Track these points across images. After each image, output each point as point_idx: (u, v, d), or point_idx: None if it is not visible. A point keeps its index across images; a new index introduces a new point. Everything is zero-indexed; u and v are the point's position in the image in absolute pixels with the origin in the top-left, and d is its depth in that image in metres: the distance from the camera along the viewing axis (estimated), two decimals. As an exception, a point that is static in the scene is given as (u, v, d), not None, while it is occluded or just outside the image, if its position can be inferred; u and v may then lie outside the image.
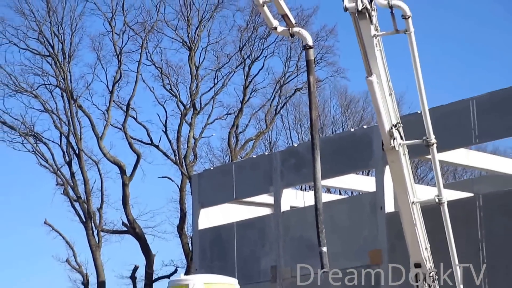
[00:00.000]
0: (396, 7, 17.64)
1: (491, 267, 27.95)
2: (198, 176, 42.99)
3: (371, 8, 17.26)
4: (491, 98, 28.87)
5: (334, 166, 32.95)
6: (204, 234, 38.17)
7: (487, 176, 36.19)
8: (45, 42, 60.57)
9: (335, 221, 32.31)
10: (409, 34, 18.00)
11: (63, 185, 60.98)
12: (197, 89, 60.41)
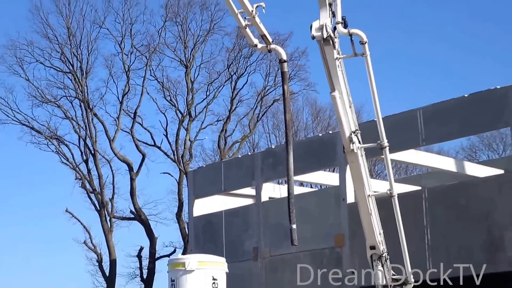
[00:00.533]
0: (355, 35, 18.01)
1: (435, 249, 28.18)
2: (193, 172, 43.14)
3: (334, 36, 17.66)
4: (434, 108, 29.16)
5: (305, 164, 33.13)
6: (197, 220, 38.34)
7: (433, 172, 36.41)
8: (66, 61, 60.64)
9: (306, 210, 32.53)
10: (365, 57, 18.35)
11: (81, 180, 60.97)
12: (192, 100, 60.49)
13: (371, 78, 18.97)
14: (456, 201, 28.46)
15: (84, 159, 61.32)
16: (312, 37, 17.67)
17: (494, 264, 26.50)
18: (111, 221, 60.75)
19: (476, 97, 28.01)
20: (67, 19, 60.63)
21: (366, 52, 18.28)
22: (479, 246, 27.09)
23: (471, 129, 31.54)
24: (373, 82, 19.05)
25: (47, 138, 61.56)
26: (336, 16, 17.93)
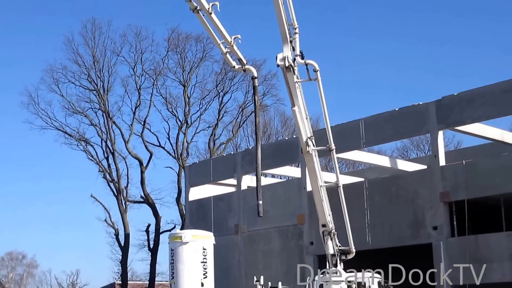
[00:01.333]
0: (310, 64, 18.08)
1: (372, 226, 28.50)
2: (189, 166, 43.15)
3: (294, 65, 17.76)
4: (372, 118, 29.32)
5: (275, 160, 33.40)
6: (192, 204, 38.31)
7: (373, 167, 36.50)
8: (92, 81, 59.88)
9: (275, 196, 32.77)
10: (317, 81, 18.44)
11: (102, 172, 60.40)
12: (188, 111, 59.83)
13: (322, 97, 18.98)
14: (389, 189, 28.80)
15: (105, 156, 60.33)
16: (277, 65, 17.81)
17: (417, 238, 26.97)
18: (126, 204, 59.87)
19: (404, 110, 28.30)
20: (92, 49, 60.34)
21: (318, 78, 18.38)
22: (406, 224, 27.47)
23: (400, 135, 31.87)
24: (323, 100, 19.06)
25: (77, 140, 60.59)
26: (296, 50, 18.05)
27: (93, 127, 60.80)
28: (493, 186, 24.72)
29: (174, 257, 24.77)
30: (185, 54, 60.37)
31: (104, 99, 60.00)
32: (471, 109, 25.90)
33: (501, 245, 24.33)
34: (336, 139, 24.77)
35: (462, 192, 25.46)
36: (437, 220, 26.23)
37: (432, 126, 27.04)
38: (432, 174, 27.12)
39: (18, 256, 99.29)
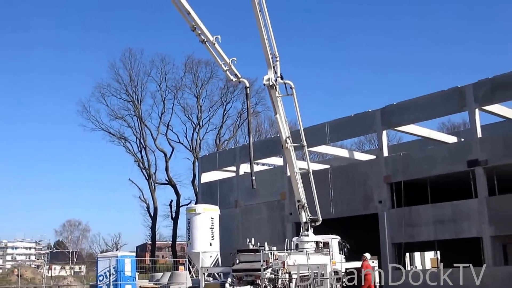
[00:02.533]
0: (287, 84, 18.55)
1: (335, 201, 28.56)
2: (201, 158, 43.41)
3: (276, 84, 18.21)
4: (335, 122, 29.36)
5: (264, 153, 33.45)
6: (203, 185, 38.28)
7: (336, 158, 36.32)
8: (129, 95, 60.37)
9: (264, 179, 32.84)
10: (293, 96, 18.88)
11: (137, 162, 60.43)
12: (200, 116, 60.21)
13: (296, 106, 19.45)
14: (347, 174, 28.96)
15: (139, 150, 60.65)
16: (263, 84, 18.35)
17: (368, 209, 27.19)
18: (154, 185, 60.18)
19: (358, 115, 28.35)
20: (129, 71, 60.79)
21: (294, 93, 18.85)
22: (359, 199, 27.69)
23: (355, 134, 32.30)
24: (297, 108, 19.53)
25: (118, 139, 61.07)
26: (277, 72, 18.51)
27: (130, 128, 61.19)
28: (421, 171, 25.09)
29: (190, 224, 25.28)
30: (198, 74, 60.90)
31: (138, 108, 60.28)
32: (406, 114, 26.17)
33: (427, 213, 24.74)
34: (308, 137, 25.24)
35: (400, 176, 25.80)
36: (382, 196, 26.50)
37: (378, 127, 27.30)
38: (378, 162, 27.33)
39: (75, 222, 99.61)
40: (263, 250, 15.84)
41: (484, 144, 23.32)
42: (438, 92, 25.05)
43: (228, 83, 57.30)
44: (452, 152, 24.69)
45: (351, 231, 26.10)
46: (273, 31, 17.76)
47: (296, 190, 20.82)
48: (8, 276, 40.02)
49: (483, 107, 23.87)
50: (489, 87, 23.31)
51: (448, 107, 24.79)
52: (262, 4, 16.94)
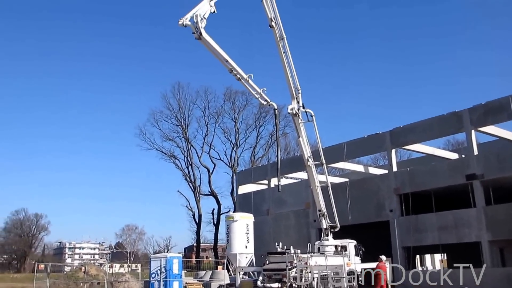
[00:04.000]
0: (308, 112, 18.90)
1: (352, 209, 28.41)
2: (238, 173, 43.77)
3: (299, 112, 18.58)
4: (351, 142, 29.58)
5: (290, 168, 33.58)
6: (240, 196, 38.54)
7: (352, 172, 36.27)
8: (177, 120, 61.48)
9: (291, 191, 33.18)
10: (313, 123, 19.14)
11: (185, 176, 61.15)
12: (238, 137, 60.81)
13: (316, 131, 19.70)
14: (362, 186, 28.95)
15: (186, 166, 61.28)
16: (288, 113, 18.77)
17: (380, 217, 27.17)
18: (199, 196, 60.77)
19: (370, 137, 28.54)
20: (178, 100, 61.80)
21: (314, 120, 19.13)
22: (373, 208, 27.64)
23: (368, 152, 32.01)
24: (317, 132, 19.79)
25: (169, 157, 61.96)
26: (299, 102, 18.88)
27: (178, 148, 62.01)
28: (426, 183, 25.07)
29: (229, 230, 25.54)
30: (235, 102, 61.51)
31: (186, 131, 61.17)
32: (412, 135, 26.26)
33: (432, 220, 24.63)
34: (329, 154, 25.51)
35: (407, 188, 25.79)
36: (392, 205, 26.47)
37: (388, 146, 27.40)
38: (388, 176, 27.35)
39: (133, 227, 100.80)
40: (288, 253, 16.12)
41: (480, 160, 23.22)
42: (438, 116, 25.12)
43: (261, 109, 57.78)
44: (452, 167, 24.59)
45: (366, 236, 26.00)
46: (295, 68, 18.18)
47: (317, 201, 21.02)
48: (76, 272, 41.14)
49: (478, 128, 23.79)
50: (482, 111, 23.27)
51: (447, 129, 24.82)
52: (285, 47, 17.45)
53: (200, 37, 14.57)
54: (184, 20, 14.22)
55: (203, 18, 14.58)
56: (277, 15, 16.90)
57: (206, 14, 14.70)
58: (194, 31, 14.54)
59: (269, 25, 16.91)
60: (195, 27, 14.44)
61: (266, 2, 16.66)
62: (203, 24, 14.60)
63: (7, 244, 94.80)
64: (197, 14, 14.35)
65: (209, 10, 14.78)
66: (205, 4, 14.61)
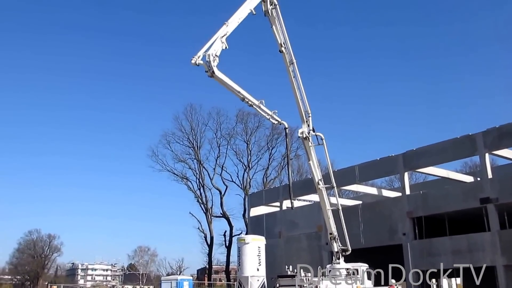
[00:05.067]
0: (318, 135, 19.11)
1: (364, 232, 28.41)
2: (250, 194, 43.97)
3: (309, 136, 18.84)
4: (363, 165, 29.60)
5: (303, 191, 33.43)
6: (252, 218, 38.67)
7: (366, 194, 36.34)
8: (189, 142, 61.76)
9: (303, 213, 33.27)
10: (324, 146, 19.31)
11: (197, 198, 61.09)
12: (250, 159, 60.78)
13: (326, 154, 19.78)
14: (374, 209, 29.03)
15: (198, 188, 61.19)
16: (298, 137, 19.03)
17: (393, 240, 27.10)
18: (211, 218, 60.53)
19: (383, 159, 28.62)
20: (190, 122, 61.93)
21: (324, 143, 19.32)
22: (385, 231, 27.61)
23: (380, 175, 32.09)
24: (327, 156, 19.84)
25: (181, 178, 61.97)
26: (310, 126, 19.13)
27: (190, 170, 61.99)
28: (439, 207, 25.00)
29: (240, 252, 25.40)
30: (247, 124, 61.45)
31: (198, 153, 61.30)
32: (425, 158, 26.30)
33: (446, 244, 24.51)
34: (341, 177, 25.61)
35: (420, 211, 25.77)
36: (405, 229, 26.39)
37: (400, 169, 27.43)
38: (401, 199, 27.34)
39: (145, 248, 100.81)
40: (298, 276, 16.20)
41: (494, 184, 23.17)
42: (452, 139, 25.16)
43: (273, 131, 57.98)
44: (466, 191, 24.54)
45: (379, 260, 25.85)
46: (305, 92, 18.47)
47: (328, 224, 21.04)
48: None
49: (492, 151, 23.80)
50: (496, 135, 23.32)
51: (461, 152, 24.85)
52: (296, 71, 17.82)
53: (213, 75, 14.61)
54: (197, 59, 14.25)
55: (216, 57, 14.59)
56: (287, 40, 17.29)
57: (218, 51, 14.73)
58: (207, 70, 14.59)
59: (279, 50, 17.28)
60: (208, 66, 14.49)
61: (276, 28, 17.04)
62: (216, 63, 14.61)
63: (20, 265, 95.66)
64: (209, 53, 14.40)
65: (221, 47, 14.79)
66: (217, 42, 14.67)
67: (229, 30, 15.14)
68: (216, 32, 14.90)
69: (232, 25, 15.27)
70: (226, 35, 14.94)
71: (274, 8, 16.88)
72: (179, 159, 61.70)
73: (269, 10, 16.87)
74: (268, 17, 17.09)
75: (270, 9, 16.83)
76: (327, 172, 22.09)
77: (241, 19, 15.61)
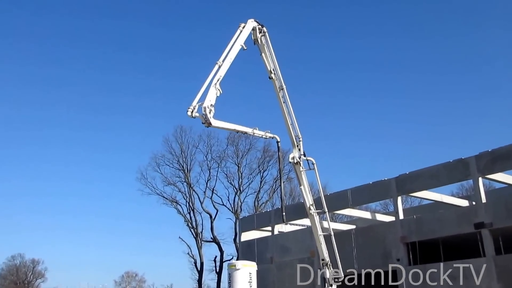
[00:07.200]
0: (309, 160, 19.36)
1: (358, 257, 28.34)
2: (241, 219, 43.70)
3: (300, 160, 19.04)
4: (356, 189, 29.75)
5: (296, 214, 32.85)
6: (243, 243, 38.37)
7: (359, 219, 36.47)
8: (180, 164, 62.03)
9: (295, 238, 33.18)
10: (315, 170, 19.49)
11: (186, 222, 61.17)
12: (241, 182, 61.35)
13: (318, 179, 19.94)
14: (368, 234, 28.99)
15: (188, 212, 61.57)
16: (289, 162, 19.24)
17: (387, 266, 26.90)
18: (201, 243, 60.81)
19: (376, 183, 28.77)
20: (180, 144, 62.42)
21: (315, 168, 19.45)
22: (379, 256, 27.51)
23: (373, 199, 32.04)
24: (319, 181, 19.99)
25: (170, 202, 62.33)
26: (301, 150, 19.34)
27: (180, 193, 62.18)
28: (433, 232, 25.12)
29: (231, 278, 25.37)
30: (238, 146, 62.14)
31: (188, 175, 61.53)
32: (417, 182, 26.54)
33: (440, 270, 24.40)
34: (333, 201, 25.70)
35: (414, 236, 25.87)
36: (399, 254, 26.45)
37: (394, 193, 27.63)
38: (395, 224, 27.46)
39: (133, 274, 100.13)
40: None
41: (489, 208, 23.45)
42: (444, 163, 25.48)
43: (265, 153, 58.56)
44: (460, 215, 24.77)
45: (373, 286, 26.02)
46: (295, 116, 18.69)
47: (320, 250, 21.14)
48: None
49: (486, 175, 24.18)
50: (489, 158, 23.73)
51: (454, 176, 25.17)
52: (285, 96, 18.12)
53: (210, 125, 14.63)
54: (194, 112, 14.23)
55: (212, 107, 14.48)
56: (277, 66, 17.57)
57: (213, 100, 14.63)
58: (203, 122, 14.53)
59: (269, 76, 17.62)
60: (204, 118, 14.43)
61: (266, 55, 17.39)
62: (212, 114, 14.51)
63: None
64: (205, 106, 14.34)
65: (215, 95, 14.71)
66: (211, 91, 14.61)
67: (221, 74, 15.19)
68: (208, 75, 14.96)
69: (224, 68, 15.40)
70: (220, 80, 14.96)
71: (263, 35, 17.24)
72: (169, 182, 62.08)
73: (258, 39, 17.16)
74: (257, 46, 17.41)
75: (259, 37, 17.13)
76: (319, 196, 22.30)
77: (233, 59, 15.78)
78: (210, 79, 14.91)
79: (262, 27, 17.25)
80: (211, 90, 14.66)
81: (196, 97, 14.49)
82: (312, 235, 31.00)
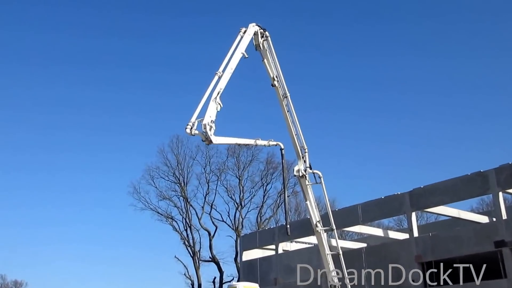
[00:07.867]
0: (316, 173, 19.08)
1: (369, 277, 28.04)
2: (242, 236, 43.49)
3: (306, 173, 18.79)
4: (367, 204, 29.68)
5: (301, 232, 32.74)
6: (244, 263, 38.08)
7: (370, 236, 36.26)
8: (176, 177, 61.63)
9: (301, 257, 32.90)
10: (321, 184, 19.16)
11: (183, 239, 60.53)
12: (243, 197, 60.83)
13: (325, 194, 19.49)
14: (380, 253, 28.80)
15: (185, 229, 60.87)
16: (293, 175, 19.02)
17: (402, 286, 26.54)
18: (199, 262, 60.13)
19: (388, 198, 28.76)
20: (176, 156, 61.85)
21: (322, 182, 19.10)
22: (392, 277, 26.91)
23: (385, 215, 31.88)
24: (326, 196, 19.62)
25: (165, 218, 61.60)
26: (306, 162, 19.11)
27: (176, 208, 61.44)
28: (450, 251, 25.01)
29: (231, 302, 25.47)
30: (240, 158, 61.55)
31: (184, 189, 60.86)
32: (432, 197, 26.46)
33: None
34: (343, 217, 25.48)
35: (430, 255, 25.77)
36: (414, 274, 26.25)
37: (407, 208, 27.55)
38: (409, 242, 27.34)
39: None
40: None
41: (509, 226, 23.35)
42: (462, 176, 25.48)
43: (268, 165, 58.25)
44: (479, 233, 24.67)
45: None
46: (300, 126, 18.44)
47: (328, 270, 20.91)
48: None
49: (506, 190, 24.10)
50: (510, 172, 23.65)
51: (472, 190, 25.11)
52: (289, 105, 18.05)
53: (211, 143, 14.21)
54: (193, 130, 13.83)
55: (212, 123, 14.09)
56: (280, 73, 17.48)
57: (213, 116, 14.20)
58: (204, 139, 14.14)
59: (271, 84, 17.53)
60: (205, 136, 14.02)
61: (268, 61, 17.30)
62: (213, 131, 14.12)
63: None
64: (205, 123, 13.91)
65: (216, 110, 14.31)
66: (211, 106, 14.21)
67: (222, 87, 14.83)
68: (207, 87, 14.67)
69: (224, 79, 15.05)
70: (220, 93, 14.62)
71: (266, 40, 17.16)
72: (164, 197, 61.45)
73: (260, 44, 16.95)
74: (259, 51, 17.32)
75: (261, 41, 16.97)
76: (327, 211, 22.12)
77: (233, 68, 15.45)
78: (209, 91, 14.58)
79: (264, 31, 17.15)
80: (211, 105, 14.26)
81: (195, 112, 14.11)
82: (318, 255, 31.62)
